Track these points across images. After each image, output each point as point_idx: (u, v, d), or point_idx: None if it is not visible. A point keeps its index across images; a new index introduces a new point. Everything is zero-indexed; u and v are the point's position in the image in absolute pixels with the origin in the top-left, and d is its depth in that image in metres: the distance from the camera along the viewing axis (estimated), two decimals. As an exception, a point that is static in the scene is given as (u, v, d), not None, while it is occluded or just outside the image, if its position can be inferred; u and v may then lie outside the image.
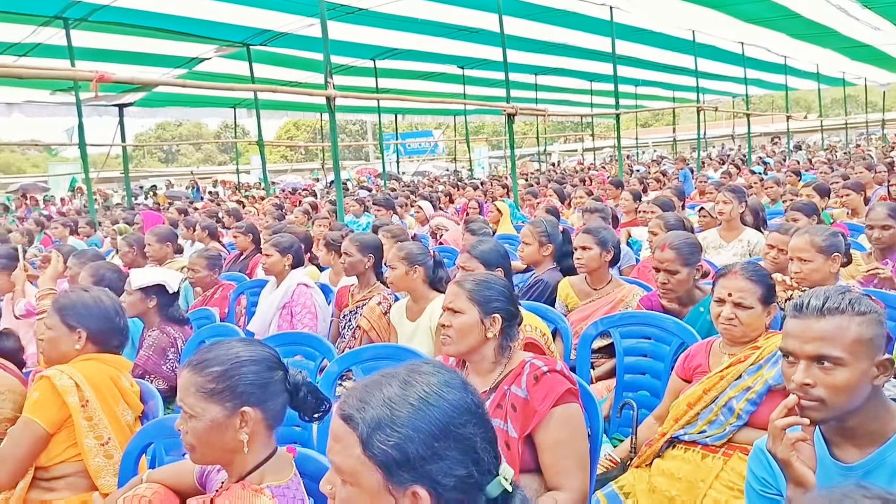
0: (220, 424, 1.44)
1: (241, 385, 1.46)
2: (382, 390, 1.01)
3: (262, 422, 1.48)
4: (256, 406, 1.47)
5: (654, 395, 2.65)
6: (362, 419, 0.99)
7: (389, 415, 0.98)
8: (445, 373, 1.05)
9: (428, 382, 1.02)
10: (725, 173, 10.13)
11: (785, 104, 19.39)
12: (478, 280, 1.98)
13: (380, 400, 1.00)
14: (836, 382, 1.33)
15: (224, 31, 10.29)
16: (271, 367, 1.52)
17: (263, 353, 1.54)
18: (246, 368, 1.48)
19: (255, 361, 1.50)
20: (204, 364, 1.48)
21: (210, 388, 1.45)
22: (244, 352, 1.51)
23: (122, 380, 2.22)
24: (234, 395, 1.45)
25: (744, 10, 10.55)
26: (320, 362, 2.86)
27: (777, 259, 3.36)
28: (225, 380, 1.46)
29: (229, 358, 1.48)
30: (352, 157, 45.56)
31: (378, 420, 0.98)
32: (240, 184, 20.99)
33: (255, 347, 1.55)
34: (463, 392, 1.03)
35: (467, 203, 7.95)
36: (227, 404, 1.45)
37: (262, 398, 1.48)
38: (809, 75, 19.28)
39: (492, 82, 15.55)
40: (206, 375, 1.46)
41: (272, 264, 3.71)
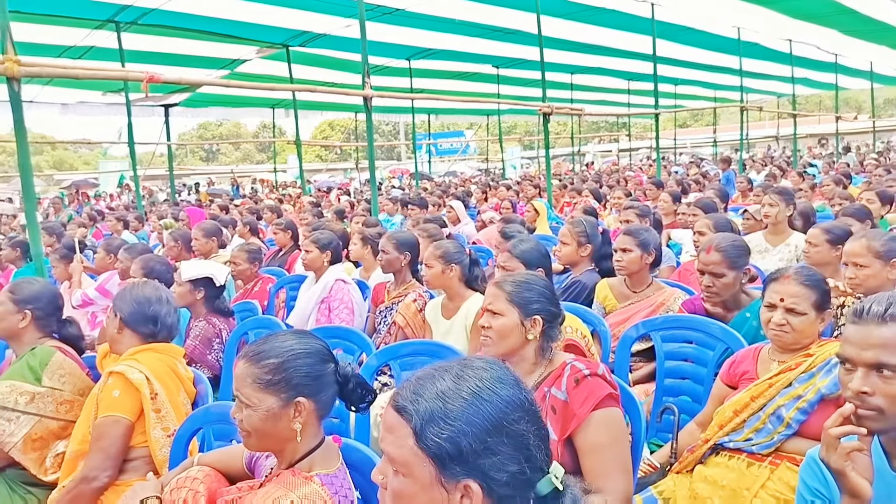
0: (275, 414, 1.49)
1: (296, 377, 1.51)
2: (436, 383, 1.01)
3: (314, 412, 1.53)
4: (310, 397, 1.52)
5: (696, 400, 2.58)
6: (416, 411, 0.99)
7: (442, 408, 0.98)
8: (498, 369, 1.05)
9: (480, 377, 1.02)
10: (770, 175, 9.87)
11: (834, 104, 18.80)
12: (517, 281, 1.95)
13: (433, 393, 1.00)
14: (895, 392, 1.27)
15: (264, 33, 10.47)
16: (324, 360, 1.57)
17: (316, 346, 1.58)
18: (300, 361, 1.53)
19: (309, 354, 1.55)
20: (260, 356, 1.53)
21: (266, 379, 1.50)
22: (298, 345, 1.56)
23: (179, 367, 2.32)
24: (289, 386, 1.50)
25: (793, 6, 10.26)
26: (359, 356, 2.89)
27: (808, 253, 3.27)
28: (280, 371, 1.51)
29: (284, 350, 1.53)
30: (384, 156, 45.84)
31: (431, 412, 0.98)
32: (277, 182, 21.30)
33: (309, 340, 1.60)
34: (516, 388, 1.03)
35: (500, 203, 7.92)
36: (283, 395, 1.50)
37: (316, 389, 1.53)
38: (862, 73, 18.58)
39: (526, 82, 15.48)
40: (262, 367, 1.51)
41: (311, 260, 3.78)
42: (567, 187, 10.28)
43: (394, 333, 3.36)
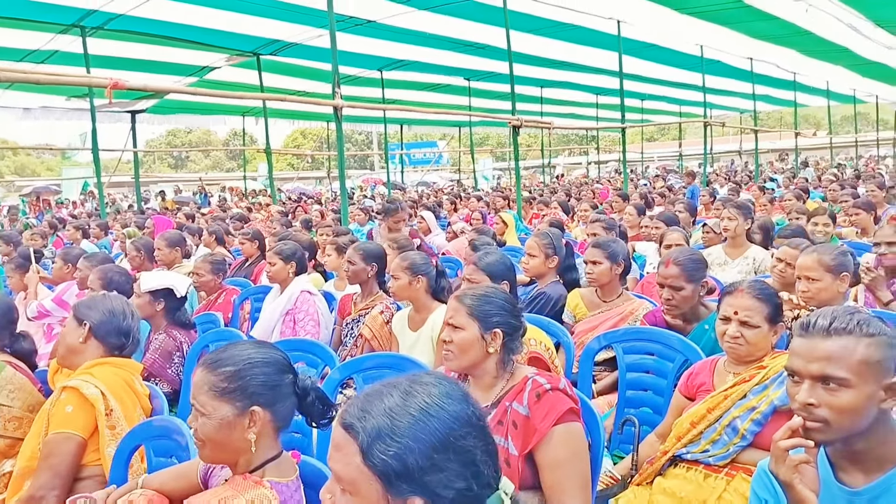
0: (229, 423, 1.48)
1: (251, 385, 1.50)
2: (384, 400, 1.01)
3: (269, 423, 1.52)
4: (266, 407, 1.50)
5: (657, 412, 2.62)
6: (363, 428, 0.99)
7: (390, 425, 0.98)
8: (447, 384, 1.05)
9: (429, 393, 1.02)
10: (732, 190, 10.10)
11: (794, 120, 19.35)
12: (478, 295, 1.96)
13: (381, 410, 1.00)
14: (840, 404, 1.31)
15: (235, 41, 10.39)
16: (282, 371, 1.56)
17: (275, 356, 1.58)
18: (257, 370, 1.52)
19: (267, 363, 1.54)
20: (217, 363, 1.52)
21: (222, 386, 1.49)
22: (256, 354, 1.55)
23: (135, 383, 2.28)
24: (244, 394, 1.49)
25: (753, 27, 10.56)
26: (322, 369, 2.86)
27: (784, 273, 3.34)
28: (237, 379, 1.50)
29: (242, 359, 1.53)
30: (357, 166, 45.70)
31: (378, 430, 0.98)
32: (247, 190, 21.09)
33: (268, 350, 1.59)
34: (464, 404, 1.03)
35: (470, 214, 7.96)
36: (238, 403, 1.49)
37: (272, 399, 1.52)
38: (819, 92, 19.22)
39: (497, 94, 15.63)
40: (218, 375, 1.51)
41: (276, 272, 3.75)
42: (535, 199, 10.38)
43: (360, 346, 3.35)
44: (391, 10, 8.98)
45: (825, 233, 4.65)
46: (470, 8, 8.96)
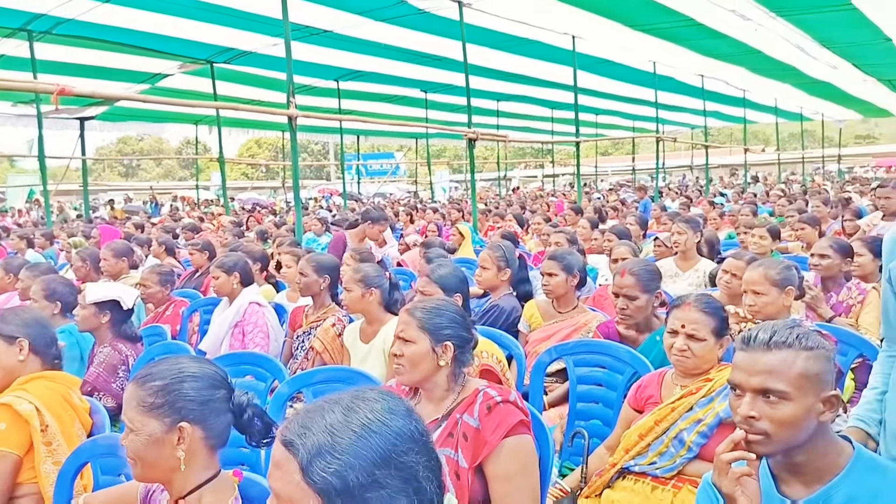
0: (157, 440, 1.43)
1: (180, 401, 1.45)
2: (325, 416, 0.99)
3: (201, 440, 1.46)
4: (195, 423, 1.45)
5: (607, 424, 2.64)
6: (303, 445, 0.96)
7: (330, 441, 0.95)
8: (390, 399, 1.03)
9: (372, 409, 1.00)
10: (683, 204, 10.36)
11: (743, 137, 20.00)
12: (428, 307, 1.95)
13: (321, 426, 0.97)
14: (780, 416, 1.34)
15: (188, 48, 10.19)
16: (214, 385, 1.51)
17: (208, 371, 1.52)
18: (187, 384, 1.47)
19: (197, 378, 1.49)
20: (146, 378, 1.47)
21: (150, 402, 1.44)
22: (188, 368, 1.50)
23: (73, 397, 2.20)
24: (172, 409, 1.44)
25: (704, 45, 10.86)
26: (271, 383, 2.80)
27: (731, 284, 3.43)
28: (165, 394, 1.45)
29: (171, 373, 1.48)
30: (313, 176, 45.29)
31: (319, 446, 0.95)
32: (199, 200, 20.68)
33: (201, 364, 1.54)
34: (407, 419, 1.01)
35: (426, 226, 7.95)
36: (166, 419, 1.44)
37: (202, 415, 1.46)
38: (768, 109, 19.88)
39: (454, 107, 15.71)
40: (147, 389, 1.46)
41: (220, 285, 3.68)
42: (491, 211, 10.45)
43: (311, 359, 3.29)
44: (348, 20, 8.94)
45: (761, 245, 4.79)
46: (427, 20, 8.98)
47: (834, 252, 3.55)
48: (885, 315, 1.72)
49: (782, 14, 8.83)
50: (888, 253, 1.63)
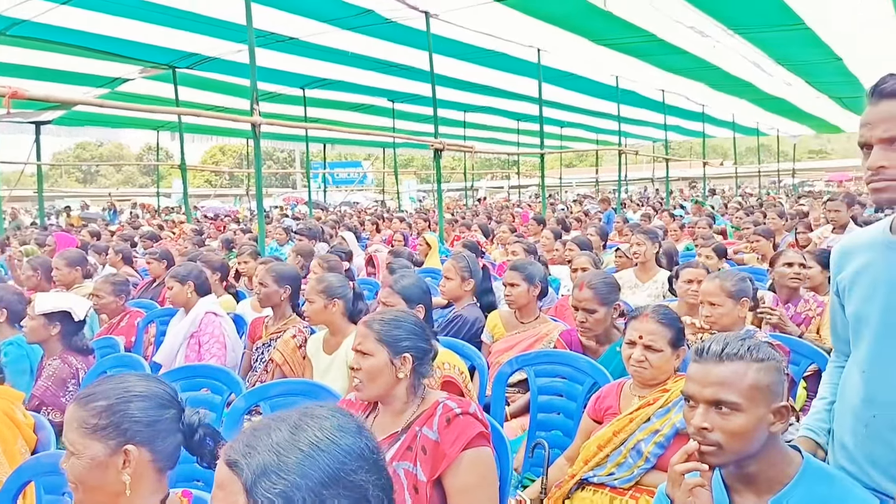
0: (100, 463, 1.36)
1: (125, 422, 1.38)
2: (271, 435, 0.96)
3: (148, 463, 1.39)
4: (142, 445, 1.39)
5: (567, 434, 2.65)
6: (248, 465, 0.93)
7: (276, 461, 0.92)
8: (340, 416, 1.01)
9: (320, 427, 0.97)
10: (644, 215, 10.54)
11: (702, 151, 20.48)
12: (386, 320, 1.94)
13: (267, 445, 0.94)
14: (732, 427, 1.36)
15: (149, 53, 10.00)
16: (163, 405, 1.44)
17: (156, 389, 1.46)
18: (133, 404, 1.40)
19: (145, 397, 1.42)
20: (89, 398, 1.40)
21: (93, 423, 1.37)
22: (135, 386, 1.43)
23: (16, 412, 2.12)
24: (117, 431, 1.37)
25: (665, 61, 11.10)
26: (227, 396, 2.74)
27: (693, 292, 3.49)
28: (109, 415, 1.38)
29: (117, 392, 1.41)
30: (278, 184, 44.84)
31: (264, 466, 0.92)
32: (160, 207, 20.27)
33: (149, 383, 1.47)
34: (357, 437, 0.99)
35: (392, 235, 7.93)
36: (110, 442, 1.37)
37: (150, 437, 1.40)
38: (726, 124, 20.43)
39: (421, 117, 15.73)
40: (89, 410, 1.38)
41: (174, 296, 3.59)
42: (457, 221, 10.47)
43: (271, 371, 3.23)
44: (314, 28, 8.89)
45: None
46: (394, 30, 8.99)
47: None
48: (832, 327, 1.76)
49: (740, 32, 9.10)
50: (835, 266, 1.67)
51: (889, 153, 1.37)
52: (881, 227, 1.57)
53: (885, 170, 1.37)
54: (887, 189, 1.39)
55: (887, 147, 1.38)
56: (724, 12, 8.25)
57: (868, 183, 1.42)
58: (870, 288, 1.53)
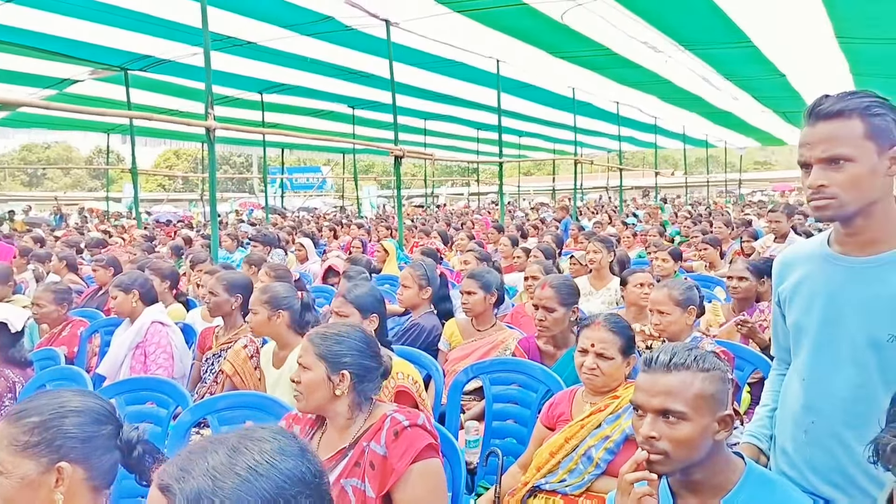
0: (31, 482, 1.29)
1: (59, 438, 1.32)
2: (207, 458, 0.91)
3: (82, 481, 1.33)
4: (76, 463, 1.32)
5: (521, 442, 2.66)
6: (181, 490, 0.88)
7: (211, 486, 0.88)
8: (282, 439, 0.97)
9: (260, 450, 0.93)
10: (598, 223, 10.71)
11: (654, 161, 20.99)
12: (328, 334, 1.89)
13: (203, 469, 0.89)
14: (678, 436, 1.38)
15: (100, 54, 9.72)
16: (99, 421, 1.38)
17: (92, 404, 1.40)
18: (68, 420, 1.34)
19: (80, 412, 1.37)
20: (21, 414, 1.34)
21: (24, 440, 1.31)
22: (70, 402, 1.37)
23: None
24: (49, 449, 1.31)
25: (619, 74, 11.37)
26: (174, 410, 2.65)
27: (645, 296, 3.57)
28: (41, 432, 1.32)
29: (50, 408, 1.35)
30: (235, 188, 44.07)
31: (199, 491, 0.87)
32: (108, 212, 19.71)
33: (84, 398, 1.41)
34: (298, 460, 0.95)
35: (350, 242, 7.87)
36: (42, 459, 1.30)
37: (85, 454, 1.34)
38: (677, 136, 21.07)
39: (382, 124, 15.71)
40: (21, 426, 1.32)
41: (118, 305, 3.46)
42: (417, 228, 10.46)
43: (221, 383, 3.14)
44: (272, 32, 8.79)
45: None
46: (354, 37, 8.96)
47: (751, 274, 3.74)
48: (774, 335, 1.82)
49: (690, 48, 9.38)
50: (777, 277, 1.72)
51: (828, 172, 1.43)
52: (819, 241, 1.62)
53: (825, 188, 1.43)
54: (828, 207, 1.44)
55: (826, 167, 1.43)
56: (675, 29, 8.50)
57: (809, 200, 1.48)
58: (809, 299, 1.58)
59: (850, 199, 1.42)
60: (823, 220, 1.53)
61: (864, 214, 1.46)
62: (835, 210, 1.44)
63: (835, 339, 1.52)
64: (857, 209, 1.44)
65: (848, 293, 1.50)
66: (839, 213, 1.45)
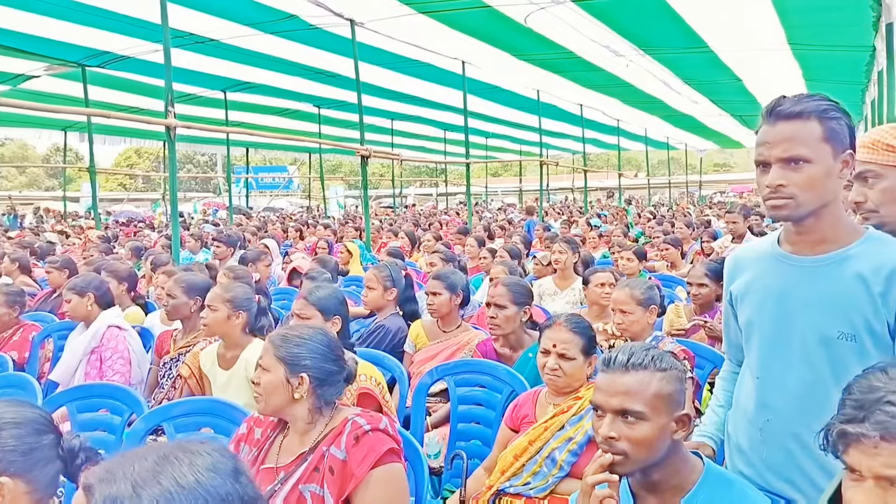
0: None
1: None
2: (135, 463, 0.87)
3: (24, 495, 1.29)
4: (17, 476, 1.28)
5: (486, 444, 2.65)
6: (100, 492, 0.85)
7: (130, 492, 0.84)
8: (217, 456, 0.92)
9: (191, 463, 0.88)
10: (565, 224, 10.82)
11: (618, 163, 21.29)
12: (287, 336, 1.85)
13: (127, 474, 0.86)
14: (637, 436, 1.39)
15: (57, 49, 9.44)
16: (39, 431, 1.34)
17: (30, 415, 1.35)
18: (6, 433, 1.30)
19: (18, 424, 1.32)
20: None
21: None
22: (5, 413, 1.33)
23: None
24: None
25: (582, 77, 11.49)
26: (128, 417, 2.57)
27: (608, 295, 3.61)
28: None
29: None
30: (199, 188, 43.26)
31: (115, 496, 0.84)
32: (66, 212, 19.20)
33: (21, 408, 1.37)
34: (228, 480, 0.89)
35: (316, 243, 7.79)
36: None
37: (26, 467, 1.29)
38: (639, 138, 21.42)
39: (348, 123, 15.59)
40: None
41: (72, 309, 3.36)
42: (384, 228, 10.41)
43: (179, 388, 3.07)
44: (235, 30, 8.64)
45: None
46: (319, 36, 8.86)
47: (709, 279, 3.80)
48: (725, 334, 1.84)
49: (650, 52, 9.54)
50: (728, 277, 1.74)
51: (787, 172, 1.45)
52: (770, 241, 1.65)
53: (783, 188, 1.45)
54: (785, 206, 1.46)
55: (785, 166, 1.45)
56: (635, 33, 8.63)
57: (766, 200, 1.49)
58: (760, 298, 1.61)
59: (807, 199, 1.45)
60: (779, 220, 1.54)
61: (816, 215, 1.48)
62: (791, 210, 1.46)
63: (786, 337, 1.55)
64: (811, 210, 1.47)
65: (798, 292, 1.53)
66: (795, 213, 1.47)
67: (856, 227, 1.54)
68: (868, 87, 9.92)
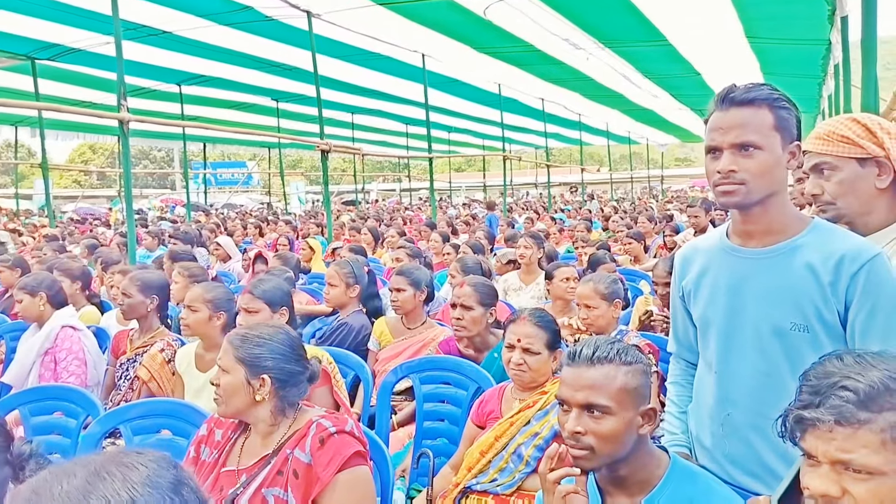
0: None
1: None
2: (63, 481, 0.80)
3: None
4: None
5: (453, 442, 2.63)
6: None
7: None
8: (155, 468, 0.84)
9: (125, 478, 0.81)
10: (528, 219, 10.88)
11: (580, 157, 21.51)
12: (247, 336, 1.80)
13: (54, 494, 0.78)
14: (603, 431, 1.38)
15: (5, 42, 9.09)
16: None
17: None
18: None
19: None
20: None
21: None
22: None
23: None
24: None
25: (543, 70, 11.53)
26: (84, 420, 2.49)
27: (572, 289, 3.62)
28: None
29: None
30: (156, 185, 42.26)
31: None
32: (18, 210, 18.58)
33: None
34: (166, 495, 0.82)
35: (277, 239, 7.66)
36: None
37: None
38: (601, 132, 21.63)
39: (308, 117, 15.40)
40: None
41: (24, 309, 3.24)
42: (347, 225, 10.31)
43: (137, 389, 2.98)
44: (189, 22, 8.43)
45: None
46: (275, 28, 8.71)
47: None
48: (674, 330, 1.83)
49: (609, 45, 9.63)
50: (678, 271, 1.75)
51: (738, 158, 1.45)
52: (718, 234, 1.66)
53: (734, 174, 1.46)
54: (736, 192, 1.47)
55: (737, 152, 1.46)
56: (594, 26, 8.69)
57: (716, 185, 1.49)
58: (712, 291, 1.61)
59: (757, 186, 1.45)
60: (728, 206, 1.54)
61: (764, 204, 1.49)
62: (742, 196, 1.47)
63: (740, 330, 1.55)
64: (760, 197, 1.47)
65: (749, 284, 1.54)
66: (745, 200, 1.48)
67: (801, 217, 1.55)
68: (825, 81, 10.14)
